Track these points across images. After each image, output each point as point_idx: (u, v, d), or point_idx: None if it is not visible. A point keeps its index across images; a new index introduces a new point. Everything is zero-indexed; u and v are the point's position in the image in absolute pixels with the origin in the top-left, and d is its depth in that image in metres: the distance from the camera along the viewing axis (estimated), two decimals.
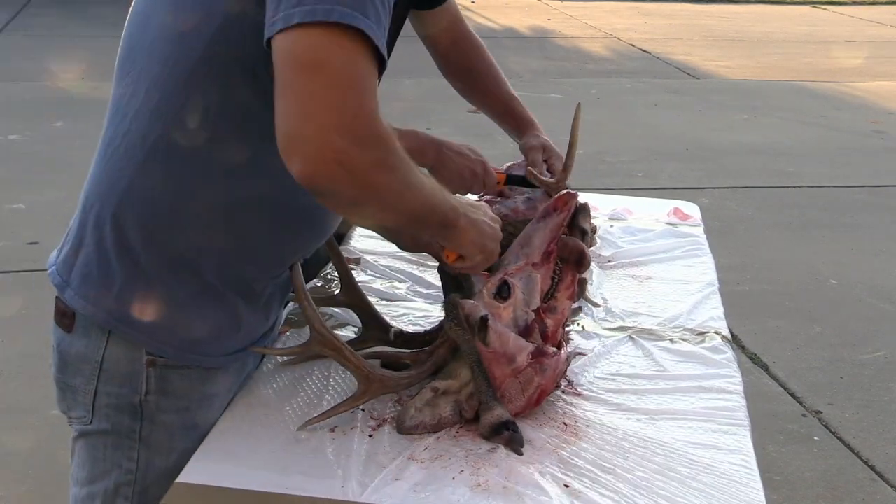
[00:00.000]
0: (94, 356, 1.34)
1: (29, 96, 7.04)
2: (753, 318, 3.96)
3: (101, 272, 1.31)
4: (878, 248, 4.85)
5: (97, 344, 1.33)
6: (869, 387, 3.54)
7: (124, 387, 1.34)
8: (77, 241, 1.34)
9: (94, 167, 1.35)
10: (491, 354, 1.36)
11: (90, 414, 1.36)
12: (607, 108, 7.40)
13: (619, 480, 1.28)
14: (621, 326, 1.74)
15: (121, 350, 1.33)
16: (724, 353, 1.65)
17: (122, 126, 1.29)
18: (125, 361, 1.33)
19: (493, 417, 1.35)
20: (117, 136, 1.30)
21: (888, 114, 7.52)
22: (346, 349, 1.37)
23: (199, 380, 1.37)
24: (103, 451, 1.37)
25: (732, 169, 5.99)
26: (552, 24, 11.28)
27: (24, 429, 2.98)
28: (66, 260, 1.35)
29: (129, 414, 1.35)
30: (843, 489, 2.95)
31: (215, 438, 1.34)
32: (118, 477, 1.37)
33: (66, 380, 1.38)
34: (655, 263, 2.03)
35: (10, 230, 4.62)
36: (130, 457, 1.36)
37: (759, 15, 12.71)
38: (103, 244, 1.31)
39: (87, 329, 1.34)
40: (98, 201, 1.31)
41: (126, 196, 1.29)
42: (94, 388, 1.35)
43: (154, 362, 1.33)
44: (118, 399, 1.35)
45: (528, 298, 1.44)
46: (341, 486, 1.23)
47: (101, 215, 1.31)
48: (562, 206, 1.49)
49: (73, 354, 1.36)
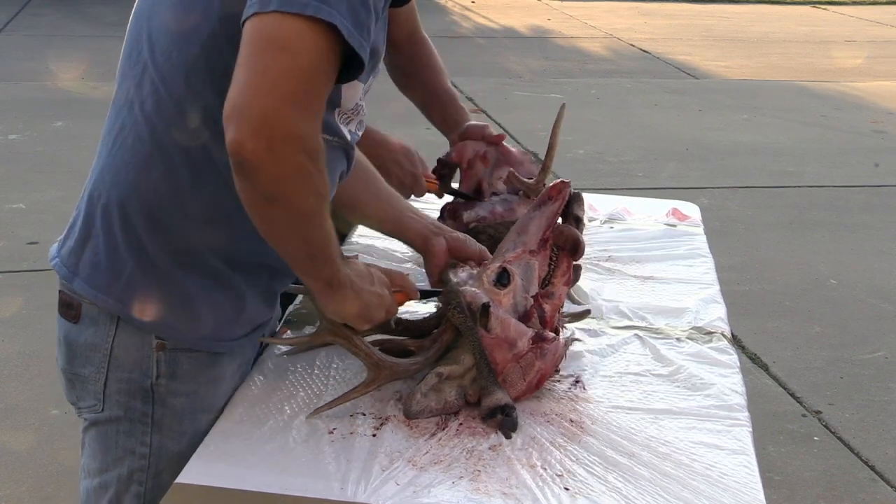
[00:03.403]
0: (104, 344, 1.36)
1: (29, 96, 7.04)
2: (753, 318, 3.96)
3: (109, 261, 1.34)
4: (878, 248, 4.85)
5: (106, 332, 1.36)
6: (869, 387, 3.54)
7: (135, 371, 1.37)
8: (84, 232, 1.37)
9: (100, 159, 1.38)
10: (493, 340, 1.39)
11: (101, 402, 1.39)
12: (607, 108, 7.40)
13: (621, 479, 1.28)
14: (628, 325, 1.74)
15: (130, 336, 1.36)
16: (730, 354, 1.65)
17: (129, 119, 1.34)
18: (135, 347, 1.36)
19: (491, 401, 1.38)
20: (125, 129, 1.34)
21: (888, 114, 7.52)
22: (355, 337, 1.39)
23: (207, 363, 1.40)
24: (115, 438, 1.39)
25: (732, 169, 5.99)
26: (552, 24, 11.28)
27: (23, 429, 2.98)
28: (73, 251, 1.38)
29: (142, 398, 1.37)
30: (843, 489, 2.95)
31: (215, 438, 1.34)
32: (132, 463, 1.39)
33: (76, 370, 1.40)
34: (656, 264, 2.03)
35: (9, 230, 4.62)
36: (144, 441, 1.39)
37: (759, 15, 12.71)
38: (112, 234, 1.34)
39: (95, 318, 1.36)
40: (105, 192, 1.35)
41: (133, 187, 1.33)
42: (105, 375, 1.37)
43: (164, 346, 1.36)
44: (129, 384, 1.37)
45: (527, 285, 1.47)
46: (341, 487, 1.23)
47: (109, 206, 1.34)
48: (556, 195, 1.51)
49: (82, 344, 1.38)
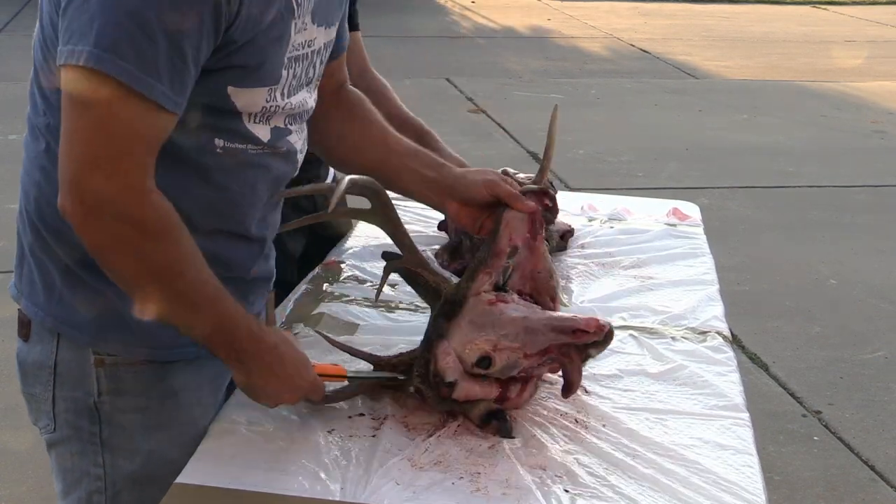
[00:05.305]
0: (48, 361, 1.34)
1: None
2: (753, 318, 3.95)
3: (41, 276, 1.33)
4: (878, 248, 4.85)
5: (49, 349, 1.33)
6: (869, 387, 3.54)
7: (77, 390, 1.33)
8: (20, 250, 1.36)
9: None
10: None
11: (53, 421, 1.36)
12: (607, 108, 7.40)
13: (622, 479, 1.28)
14: (623, 325, 1.74)
15: (71, 353, 1.33)
16: (726, 353, 1.65)
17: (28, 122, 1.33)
18: (76, 364, 1.33)
19: (480, 409, 1.37)
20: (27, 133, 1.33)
21: (888, 114, 7.51)
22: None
23: (154, 376, 1.35)
24: (71, 460, 1.37)
25: (732, 169, 5.98)
26: (552, 24, 11.27)
27: (23, 429, 2.94)
28: (16, 268, 1.37)
29: (88, 417, 1.34)
30: (843, 489, 2.95)
31: (214, 439, 1.33)
32: (88, 485, 1.36)
33: (28, 389, 1.38)
34: (656, 264, 2.03)
35: (9, 230, 4.61)
36: (96, 462, 1.35)
37: (759, 15, 12.70)
38: (33, 248, 1.32)
39: (41, 335, 1.34)
40: (24, 206, 1.33)
41: (31, 197, 1.30)
42: (52, 394, 1.34)
43: (103, 361, 1.32)
44: (75, 403, 1.34)
45: (505, 372, 1.38)
46: (341, 487, 1.23)
47: (25, 219, 1.33)
48: (587, 330, 1.35)
49: (31, 363, 1.36)
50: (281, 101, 1.30)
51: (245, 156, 1.29)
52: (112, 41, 1.08)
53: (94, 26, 1.08)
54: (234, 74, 1.22)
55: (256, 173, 1.32)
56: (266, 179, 1.34)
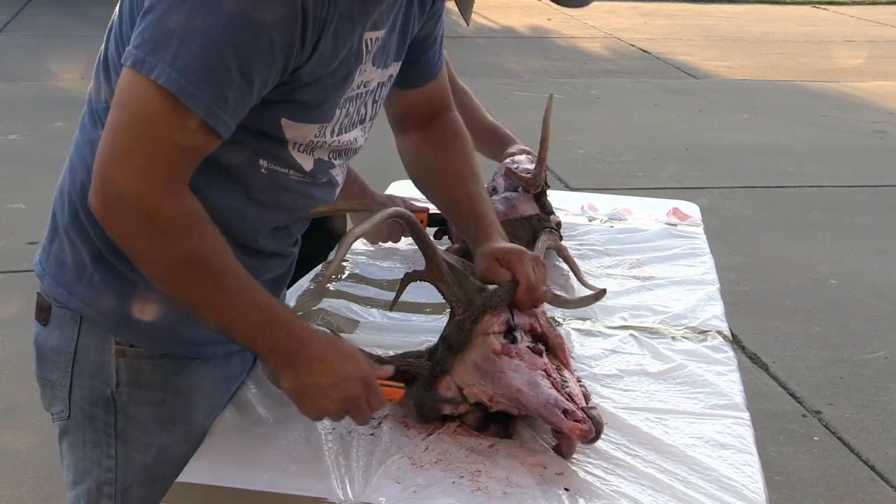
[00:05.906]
0: (68, 347, 1.34)
1: (29, 96, 7.03)
2: (753, 318, 3.95)
3: (73, 258, 1.33)
4: (879, 248, 4.85)
5: (70, 334, 1.34)
6: (869, 387, 3.54)
7: (96, 378, 1.34)
8: (52, 229, 1.36)
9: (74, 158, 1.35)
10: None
11: (68, 409, 1.36)
12: (607, 108, 7.40)
13: (622, 479, 1.28)
14: (623, 325, 1.74)
15: (92, 340, 1.33)
16: (726, 353, 1.65)
17: (85, 111, 1.32)
18: (96, 352, 1.33)
19: (476, 415, 1.37)
20: (82, 120, 1.33)
21: (888, 114, 7.52)
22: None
23: (172, 371, 1.36)
24: (83, 449, 1.37)
25: (732, 169, 5.98)
26: (552, 23, 11.27)
27: (23, 429, 2.97)
28: (45, 248, 1.38)
29: (103, 407, 1.35)
30: (843, 489, 2.95)
31: (215, 438, 1.34)
32: (99, 475, 1.36)
33: (44, 374, 1.38)
34: (656, 264, 2.03)
35: (9, 230, 4.62)
36: (109, 453, 1.36)
37: (759, 15, 12.70)
38: (69, 229, 1.33)
39: (62, 319, 1.34)
40: (67, 187, 1.34)
41: (80, 182, 1.30)
42: (70, 380, 1.35)
43: (124, 352, 1.33)
44: (91, 392, 1.35)
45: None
46: (341, 487, 1.23)
47: (66, 201, 1.33)
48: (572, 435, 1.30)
49: (49, 347, 1.36)
50: (329, 139, 1.33)
51: (287, 181, 1.32)
52: (190, 66, 1.09)
53: (173, 44, 1.10)
54: (292, 109, 1.24)
55: (296, 198, 1.35)
56: (305, 206, 1.38)
